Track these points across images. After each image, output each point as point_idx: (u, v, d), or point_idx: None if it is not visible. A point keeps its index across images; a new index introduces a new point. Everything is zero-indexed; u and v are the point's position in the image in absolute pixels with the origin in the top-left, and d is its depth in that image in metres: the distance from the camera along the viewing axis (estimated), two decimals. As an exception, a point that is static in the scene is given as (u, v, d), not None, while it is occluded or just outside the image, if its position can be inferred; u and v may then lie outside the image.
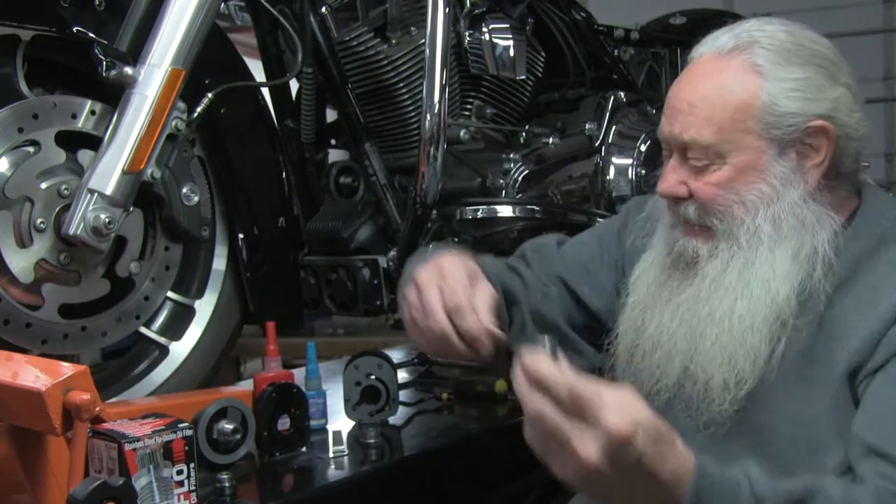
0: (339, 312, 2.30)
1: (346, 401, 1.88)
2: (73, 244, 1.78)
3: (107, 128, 1.81)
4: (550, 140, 2.56)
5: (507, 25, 2.42)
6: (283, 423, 1.76)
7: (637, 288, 1.48)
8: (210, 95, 1.94)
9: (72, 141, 1.83)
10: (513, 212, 2.37)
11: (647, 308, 1.45)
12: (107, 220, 1.75)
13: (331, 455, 1.75)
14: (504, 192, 2.40)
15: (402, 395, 2.08)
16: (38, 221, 1.76)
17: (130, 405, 1.72)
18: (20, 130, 1.76)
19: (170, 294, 2.03)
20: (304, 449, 1.78)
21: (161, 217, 1.95)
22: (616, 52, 2.82)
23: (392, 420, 1.94)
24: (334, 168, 2.34)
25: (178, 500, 1.41)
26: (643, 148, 2.64)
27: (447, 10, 2.19)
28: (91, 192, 1.75)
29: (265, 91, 2.21)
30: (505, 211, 2.36)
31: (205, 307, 2.09)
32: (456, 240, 2.33)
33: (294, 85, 2.26)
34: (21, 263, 1.75)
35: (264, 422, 1.73)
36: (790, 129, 1.32)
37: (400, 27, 2.26)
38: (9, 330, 1.74)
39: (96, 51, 1.79)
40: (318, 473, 1.71)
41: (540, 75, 2.57)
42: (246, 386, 1.93)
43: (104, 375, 1.96)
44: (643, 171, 2.62)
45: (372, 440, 1.81)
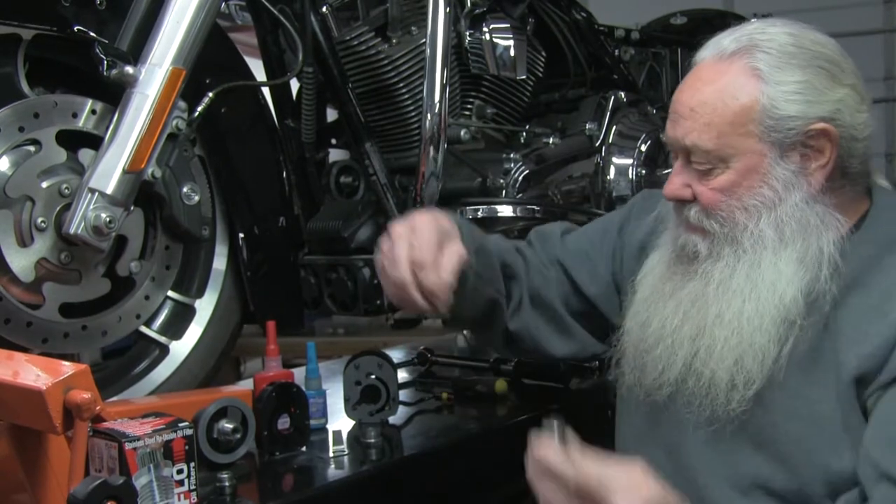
0: (340, 312, 2.30)
1: (346, 400, 1.88)
2: (74, 243, 1.78)
3: (107, 127, 1.81)
4: (551, 140, 2.57)
5: (508, 25, 2.42)
6: (283, 422, 1.76)
7: (643, 285, 1.50)
8: (211, 95, 1.94)
9: (73, 140, 1.84)
10: (513, 212, 2.37)
11: (651, 304, 1.47)
12: (107, 219, 1.75)
13: (331, 455, 1.75)
14: (504, 191, 2.40)
15: (402, 395, 2.09)
16: (39, 220, 1.76)
17: (131, 404, 1.72)
18: (21, 129, 1.76)
19: (170, 293, 2.03)
20: (304, 448, 1.78)
21: (162, 216, 1.95)
22: (616, 52, 2.83)
23: (392, 420, 1.94)
24: (335, 168, 2.33)
25: (179, 500, 1.41)
26: (643, 148, 2.64)
27: (448, 9, 2.20)
28: (92, 191, 1.75)
29: (266, 90, 2.21)
30: (505, 211, 2.36)
31: (205, 307, 2.09)
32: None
33: (294, 84, 2.26)
34: (22, 262, 1.75)
35: (264, 421, 1.73)
36: (791, 133, 1.32)
37: (400, 27, 2.26)
38: (9, 329, 1.75)
39: (97, 50, 1.79)
40: (318, 473, 1.71)
41: (540, 75, 2.57)
42: (246, 385, 1.93)
43: (104, 374, 1.96)
44: (643, 171, 2.62)
45: (372, 440, 1.81)
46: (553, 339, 1.72)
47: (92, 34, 1.81)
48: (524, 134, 2.57)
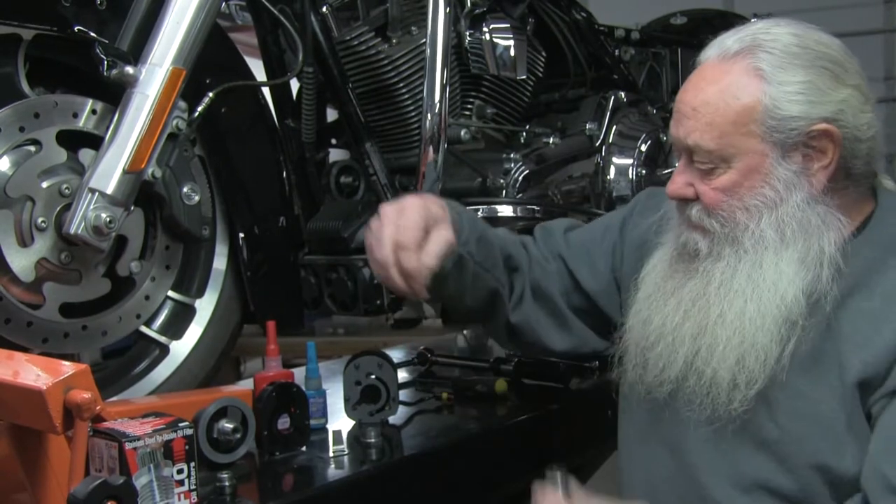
0: (340, 312, 2.30)
1: (346, 400, 1.88)
2: (74, 243, 1.78)
3: (108, 127, 1.81)
4: (551, 140, 2.57)
5: (508, 25, 2.42)
6: (283, 422, 1.76)
7: (646, 283, 1.51)
8: (211, 95, 1.94)
9: (73, 140, 1.83)
10: (513, 212, 2.37)
11: (653, 301, 1.48)
12: (108, 219, 1.75)
13: (331, 454, 1.75)
14: (504, 191, 2.41)
15: (402, 395, 2.08)
16: (40, 220, 1.76)
17: (131, 404, 1.72)
18: (21, 129, 1.76)
19: (170, 293, 2.03)
20: (304, 448, 1.78)
21: (162, 216, 1.95)
22: (617, 52, 2.83)
23: (392, 420, 1.94)
24: (335, 168, 2.33)
25: (179, 499, 1.41)
26: (643, 148, 2.64)
27: (448, 9, 2.20)
28: (92, 191, 1.75)
29: (266, 90, 2.21)
30: (505, 211, 2.36)
31: (205, 306, 2.08)
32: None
33: (295, 84, 2.26)
34: (22, 262, 1.75)
35: (264, 421, 1.73)
36: (793, 133, 1.32)
37: (401, 27, 2.26)
38: (10, 329, 1.74)
39: (97, 50, 1.79)
40: (318, 473, 1.70)
41: (540, 75, 2.57)
42: (246, 385, 1.93)
43: (105, 374, 1.96)
44: (643, 171, 2.63)
45: (372, 440, 1.81)
46: (553, 333, 1.73)
47: (92, 34, 1.81)
48: (524, 134, 2.57)
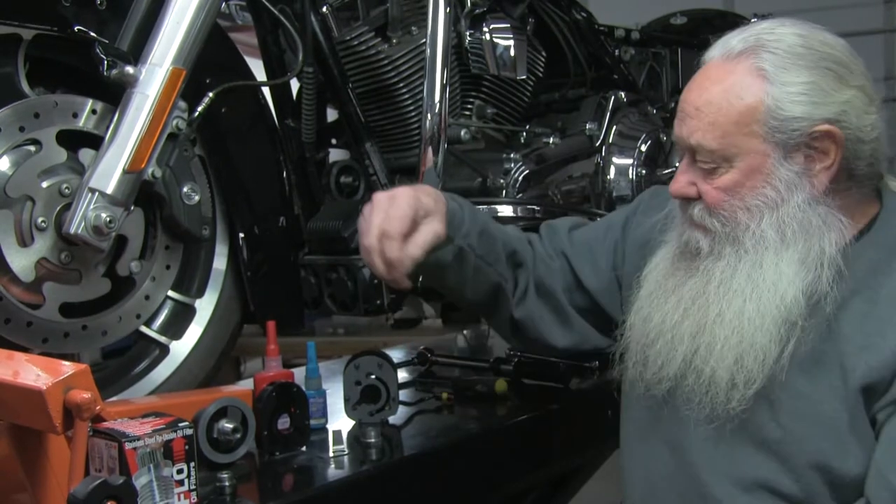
0: (340, 312, 2.30)
1: (346, 400, 1.88)
2: (74, 243, 1.78)
3: (108, 127, 1.81)
4: (551, 140, 2.57)
5: (508, 25, 2.42)
6: (284, 422, 1.75)
7: (647, 281, 1.52)
8: (211, 95, 1.94)
9: (73, 140, 1.83)
10: (513, 212, 2.37)
11: (653, 299, 1.48)
12: (108, 219, 1.75)
13: (331, 454, 1.75)
14: (504, 191, 2.41)
15: (402, 395, 2.08)
16: (39, 220, 1.76)
17: (131, 404, 1.72)
18: (21, 129, 1.76)
19: (170, 293, 2.03)
20: (304, 448, 1.78)
21: (162, 216, 1.95)
22: (617, 51, 2.83)
23: (392, 420, 1.94)
24: (335, 167, 2.33)
25: (179, 500, 1.41)
26: (644, 148, 2.64)
27: (448, 9, 2.20)
28: (92, 191, 1.75)
29: (266, 90, 2.21)
30: (505, 211, 2.36)
31: (205, 306, 2.08)
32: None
33: (295, 84, 2.26)
34: (22, 262, 1.75)
35: (264, 421, 1.73)
36: (795, 134, 1.32)
37: (401, 27, 2.26)
38: (10, 329, 1.74)
39: (97, 50, 1.79)
40: (318, 473, 1.70)
41: (540, 75, 2.58)
42: (246, 385, 1.93)
43: (104, 374, 1.96)
44: (644, 171, 2.63)
45: (372, 440, 1.81)
46: (555, 330, 1.74)
47: (92, 34, 1.81)
48: (524, 134, 2.57)
